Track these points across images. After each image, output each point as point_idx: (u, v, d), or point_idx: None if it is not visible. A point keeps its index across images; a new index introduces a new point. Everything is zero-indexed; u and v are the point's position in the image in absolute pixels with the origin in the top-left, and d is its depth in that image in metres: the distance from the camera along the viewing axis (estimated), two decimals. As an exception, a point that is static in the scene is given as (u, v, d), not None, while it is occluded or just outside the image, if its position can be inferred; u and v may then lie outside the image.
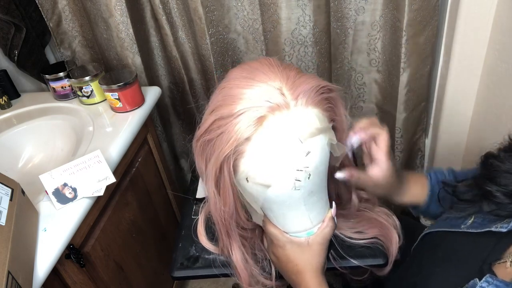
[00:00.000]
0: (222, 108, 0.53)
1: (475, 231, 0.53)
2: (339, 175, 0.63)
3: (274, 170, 0.53)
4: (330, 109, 0.56)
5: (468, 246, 0.53)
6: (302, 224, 0.63)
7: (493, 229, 0.51)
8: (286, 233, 0.64)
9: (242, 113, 0.51)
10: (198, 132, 0.57)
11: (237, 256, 0.67)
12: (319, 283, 0.61)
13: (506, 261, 0.47)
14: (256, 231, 0.72)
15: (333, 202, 0.66)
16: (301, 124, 0.52)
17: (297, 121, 0.52)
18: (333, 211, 0.65)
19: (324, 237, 0.63)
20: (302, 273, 0.61)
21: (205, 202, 0.87)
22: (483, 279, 0.45)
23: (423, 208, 0.72)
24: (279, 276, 0.71)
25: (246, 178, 0.55)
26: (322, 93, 0.54)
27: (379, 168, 0.63)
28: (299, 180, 0.54)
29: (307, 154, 0.53)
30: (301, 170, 0.53)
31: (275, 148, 0.52)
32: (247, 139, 0.51)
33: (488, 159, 0.54)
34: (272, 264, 0.71)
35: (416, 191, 0.71)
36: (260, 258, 0.72)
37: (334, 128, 0.59)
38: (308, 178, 0.55)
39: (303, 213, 0.61)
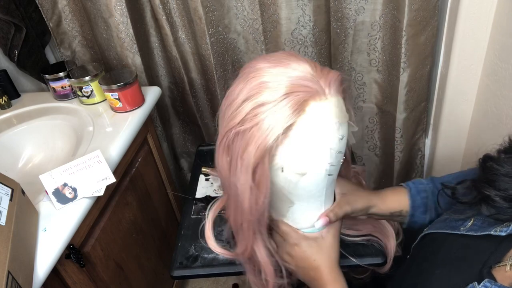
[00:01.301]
0: (260, 95, 0.51)
1: (474, 234, 0.53)
2: (319, 224, 0.63)
3: (313, 156, 0.53)
4: (345, 99, 0.58)
5: (468, 249, 0.53)
6: (317, 215, 0.64)
7: (492, 233, 0.50)
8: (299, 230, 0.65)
9: (284, 99, 0.50)
10: (231, 124, 0.54)
11: (262, 252, 0.65)
12: (337, 276, 0.61)
13: (506, 265, 0.47)
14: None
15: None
16: (336, 109, 0.53)
17: (334, 106, 0.53)
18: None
19: (336, 229, 0.63)
20: (320, 268, 0.61)
21: (212, 204, 0.86)
22: (482, 283, 0.45)
23: (408, 218, 0.71)
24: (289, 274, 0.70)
25: (282, 168, 0.54)
26: (341, 84, 0.56)
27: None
28: (333, 165, 0.55)
29: (341, 138, 0.54)
30: (340, 153, 0.55)
31: (317, 133, 0.52)
32: (291, 125, 0.51)
33: (486, 162, 0.53)
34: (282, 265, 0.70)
35: (394, 198, 0.71)
36: None
37: None
38: (340, 161, 0.57)
39: (321, 205, 0.62)
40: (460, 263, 0.52)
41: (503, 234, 0.49)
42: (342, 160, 0.59)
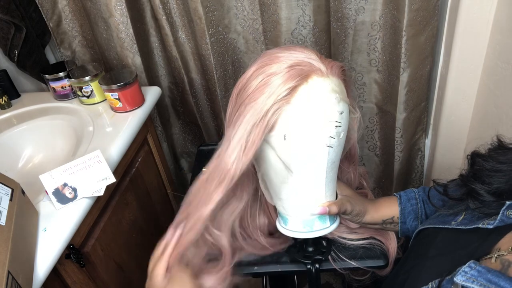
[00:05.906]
0: (268, 67, 0.58)
1: (464, 227, 0.54)
2: (316, 210, 0.65)
3: (313, 124, 0.58)
4: (347, 91, 0.63)
5: (458, 242, 0.54)
6: (318, 203, 0.65)
7: (480, 225, 0.52)
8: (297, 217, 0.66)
9: (289, 70, 0.56)
10: (244, 95, 0.60)
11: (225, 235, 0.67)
12: None
13: (491, 257, 0.47)
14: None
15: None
16: (337, 88, 0.59)
17: (334, 84, 0.58)
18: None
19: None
20: None
21: None
22: (466, 264, 0.46)
23: (400, 225, 0.74)
24: None
25: (284, 135, 0.58)
26: (343, 73, 0.62)
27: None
28: (333, 137, 0.59)
29: (341, 113, 0.59)
30: (338, 125, 0.59)
31: (316, 103, 0.57)
32: (293, 92, 0.56)
33: (473, 158, 0.57)
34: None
35: (386, 205, 0.74)
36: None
37: None
38: (340, 137, 0.60)
39: (321, 187, 0.64)
40: (449, 255, 0.54)
41: (490, 227, 0.50)
42: (343, 142, 0.62)
